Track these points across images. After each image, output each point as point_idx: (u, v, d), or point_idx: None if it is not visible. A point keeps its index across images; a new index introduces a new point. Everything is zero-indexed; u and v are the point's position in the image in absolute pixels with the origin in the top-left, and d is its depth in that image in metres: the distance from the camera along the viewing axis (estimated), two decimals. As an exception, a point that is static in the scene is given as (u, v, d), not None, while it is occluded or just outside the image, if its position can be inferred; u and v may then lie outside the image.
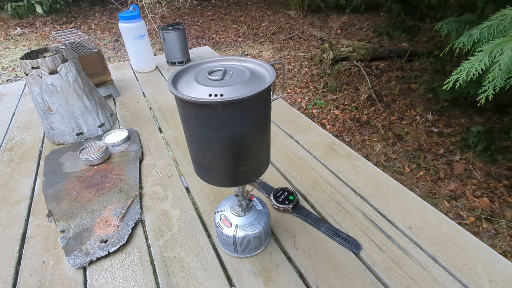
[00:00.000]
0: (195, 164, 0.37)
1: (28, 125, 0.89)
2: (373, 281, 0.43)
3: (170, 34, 1.15)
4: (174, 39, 1.16)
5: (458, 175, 1.61)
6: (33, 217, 0.57)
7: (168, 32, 1.15)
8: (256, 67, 0.34)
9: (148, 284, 0.44)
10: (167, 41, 1.17)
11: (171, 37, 1.16)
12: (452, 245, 0.47)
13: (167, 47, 1.19)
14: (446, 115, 2.07)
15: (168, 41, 1.17)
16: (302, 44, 3.57)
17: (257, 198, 0.48)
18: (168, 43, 1.18)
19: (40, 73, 0.69)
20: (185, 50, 1.21)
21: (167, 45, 1.18)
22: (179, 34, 1.16)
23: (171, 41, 1.17)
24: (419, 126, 2.01)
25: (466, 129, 1.91)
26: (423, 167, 1.68)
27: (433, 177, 1.62)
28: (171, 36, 1.16)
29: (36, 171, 0.69)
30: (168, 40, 1.17)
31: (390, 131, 2.00)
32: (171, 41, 1.17)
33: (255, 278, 0.44)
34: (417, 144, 1.85)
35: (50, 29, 4.29)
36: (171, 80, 0.31)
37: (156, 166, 0.69)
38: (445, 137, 1.88)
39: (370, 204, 0.56)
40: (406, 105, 2.24)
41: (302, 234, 0.51)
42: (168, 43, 1.18)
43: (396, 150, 1.83)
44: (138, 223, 0.54)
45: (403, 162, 1.74)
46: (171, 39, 1.16)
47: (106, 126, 0.82)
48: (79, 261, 0.47)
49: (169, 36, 1.16)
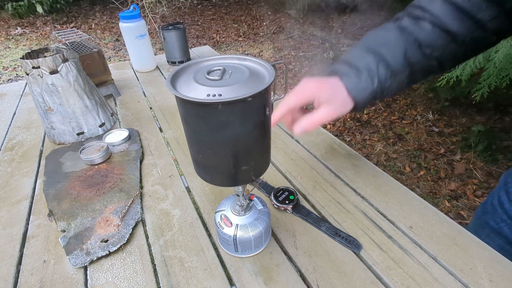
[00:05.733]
0: (195, 163, 0.37)
1: (29, 125, 0.89)
2: (373, 281, 0.43)
3: (171, 33, 1.15)
4: (174, 39, 1.16)
5: (459, 174, 1.61)
6: (34, 216, 0.57)
7: (169, 32, 1.15)
8: (256, 66, 0.34)
9: (148, 283, 0.44)
10: (168, 40, 1.17)
11: (172, 36, 1.16)
12: (452, 245, 0.47)
13: (168, 46, 1.19)
14: (446, 114, 2.07)
15: (168, 40, 1.17)
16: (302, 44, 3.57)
17: (258, 198, 0.48)
18: (169, 43, 1.18)
19: (41, 73, 0.69)
20: (186, 49, 1.21)
21: (168, 44, 1.18)
22: (180, 34, 1.16)
23: (172, 41, 1.17)
24: (419, 125, 2.01)
25: (466, 128, 1.90)
26: (423, 166, 1.68)
27: (434, 176, 1.61)
28: (171, 36, 1.16)
29: (37, 171, 0.69)
30: (168, 39, 1.17)
31: (391, 130, 2.00)
32: (171, 40, 1.17)
33: (256, 277, 0.44)
34: (417, 144, 1.85)
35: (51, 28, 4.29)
36: (170, 79, 0.31)
37: (156, 165, 0.69)
38: (446, 137, 1.88)
39: (371, 203, 0.56)
40: (406, 105, 2.24)
41: (303, 234, 0.51)
42: (169, 43, 1.18)
43: (397, 149, 1.83)
44: (138, 222, 0.54)
45: (404, 161, 1.74)
46: (172, 38, 1.16)
47: (106, 125, 0.82)
48: (79, 260, 0.47)
49: (170, 36, 1.16)
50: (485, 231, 0.62)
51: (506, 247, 0.58)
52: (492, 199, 0.62)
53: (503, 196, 0.59)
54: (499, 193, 0.60)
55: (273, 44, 3.63)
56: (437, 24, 0.43)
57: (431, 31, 0.44)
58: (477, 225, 0.65)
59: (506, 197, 0.59)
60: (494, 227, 0.60)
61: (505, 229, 0.58)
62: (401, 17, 0.47)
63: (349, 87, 0.44)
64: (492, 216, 0.61)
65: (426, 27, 0.44)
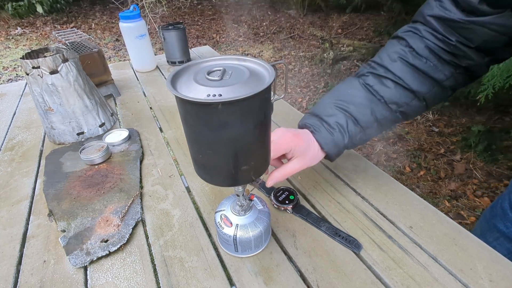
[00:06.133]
0: (195, 163, 0.37)
1: (29, 125, 0.89)
2: (373, 281, 0.43)
3: (171, 33, 1.15)
4: (174, 39, 1.16)
5: (459, 174, 1.61)
6: (34, 216, 0.57)
7: (169, 32, 1.15)
8: (256, 66, 0.34)
9: (148, 283, 0.44)
10: (168, 40, 1.17)
11: (172, 36, 1.16)
12: (452, 245, 0.47)
13: (168, 46, 1.19)
14: (446, 114, 2.07)
15: (168, 40, 1.17)
16: (302, 44, 3.57)
17: (258, 198, 0.48)
18: (169, 43, 1.18)
19: (41, 73, 0.69)
20: (186, 49, 1.21)
21: (168, 44, 1.18)
22: (180, 34, 1.16)
23: (172, 41, 1.17)
24: (419, 125, 2.01)
25: (466, 128, 1.90)
26: (423, 166, 1.68)
27: (434, 176, 1.62)
28: (171, 36, 1.16)
29: (37, 171, 0.70)
30: (168, 39, 1.17)
31: (391, 130, 2.00)
32: (171, 40, 1.17)
33: (256, 277, 0.44)
34: (417, 144, 1.85)
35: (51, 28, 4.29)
36: (170, 80, 0.31)
37: (156, 165, 0.69)
38: (446, 137, 1.88)
39: (371, 203, 0.56)
40: (406, 105, 2.23)
41: (303, 234, 0.51)
42: (169, 43, 1.18)
43: (397, 149, 1.83)
44: (138, 222, 0.54)
45: (404, 161, 1.74)
46: (172, 38, 1.16)
47: (106, 125, 0.82)
48: (79, 260, 0.47)
49: (170, 36, 1.16)
50: (494, 235, 0.61)
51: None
52: (502, 202, 0.60)
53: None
54: (510, 196, 0.59)
55: (273, 44, 3.63)
56: (399, 83, 0.48)
57: (394, 89, 0.48)
58: (485, 228, 0.64)
59: None
60: (504, 231, 0.59)
61: None
62: (365, 73, 0.51)
63: (322, 143, 0.49)
64: (501, 220, 0.59)
65: (390, 86, 0.48)
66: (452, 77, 0.46)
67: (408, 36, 0.48)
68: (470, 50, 0.43)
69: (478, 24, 0.40)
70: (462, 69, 0.46)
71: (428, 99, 0.49)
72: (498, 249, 0.47)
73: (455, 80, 0.47)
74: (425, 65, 0.46)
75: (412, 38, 0.47)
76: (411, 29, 0.48)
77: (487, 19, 0.40)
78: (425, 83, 0.47)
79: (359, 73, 0.53)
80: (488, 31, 0.40)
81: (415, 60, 0.46)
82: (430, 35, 0.46)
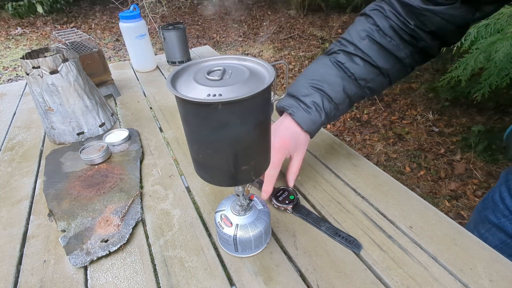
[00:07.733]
0: (195, 163, 0.37)
1: (29, 125, 0.89)
2: (373, 281, 0.43)
3: (171, 33, 1.15)
4: (174, 39, 1.16)
5: (459, 174, 1.61)
6: (34, 216, 0.57)
7: (169, 32, 1.15)
8: (256, 66, 0.34)
9: (148, 283, 0.44)
10: (168, 40, 1.17)
11: (172, 36, 1.16)
12: (452, 245, 0.47)
13: (168, 46, 1.19)
14: (446, 114, 2.07)
15: (168, 40, 1.17)
16: (302, 44, 3.57)
17: (258, 198, 0.48)
18: (169, 43, 1.18)
19: (41, 73, 0.69)
20: (186, 49, 1.21)
21: (168, 44, 1.18)
22: (180, 34, 1.16)
23: (172, 41, 1.17)
24: (419, 125, 2.01)
25: (467, 128, 1.90)
26: (423, 166, 1.68)
27: (434, 176, 1.62)
28: (171, 36, 1.16)
29: (37, 171, 0.70)
30: (168, 39, 1.17)
31: (391, 130, 2.00)
32: (171, 40, 1.17)
33: (256, 277, 0.44)
34: (417, 144, 1.85)
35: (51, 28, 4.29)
36: (170, 79, 0.31)
37: (156, 165, 0.69)
38: (446, 137, 1.88)
39: (371, 203, 0.56)
40: (406, 105, 2.24)
41: (303, 234, 0.51)
42: (169, 43, 1.18)
43: (397, 149, 1.83)
44: (138, 222, 0.54)
45: (404, 161, 1.74)
46: (172, 38, 1.16)
47: (106, 125, 0.82)
48: (80, 260, 0.47)
49: (170, 36, 1.16)
50: (485, 226, 0.63)
51: (507, 240, 0.59)
52: (493, 195, 0.64)
53: (504, 192, 0.61)
54: (500, 189, 0.62)
55: (273, 44, 3.63)
56: (367, 60, 0.52)
57: (363, 66, 0.53)
58: (477, 220, 0.67)
59: (507, 192, 0.60)
60: (495, 222, 0.61)
61: (506, 223, 0.60)
62: (336, 51, 0.55)
63: (301, 122, 0.54)
64: (493, 211, 0.62)
65: (359, 63, 0.53)
66: (411, 55, 0.52)
67: (375, 15, 0.51)
68: (424, 33, 0.49)
69: (432, 12, 0.45)
70: (418, 49, 0.51)
71: (391, 75, 0.54)
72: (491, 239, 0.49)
73: (413, 58, 0.52)
74: (389, 43, 0.50)
75: (378, 17, 0.51)
76: (377, 8, 0.52)
77: (440, 9, 0.45)
78: (389, 61, 0.52)
79: (330, 51, 0.56)
80: (439, 19, 0.46)
81: (381, 38, 0.51)
82: (394, 16, 0.50)
